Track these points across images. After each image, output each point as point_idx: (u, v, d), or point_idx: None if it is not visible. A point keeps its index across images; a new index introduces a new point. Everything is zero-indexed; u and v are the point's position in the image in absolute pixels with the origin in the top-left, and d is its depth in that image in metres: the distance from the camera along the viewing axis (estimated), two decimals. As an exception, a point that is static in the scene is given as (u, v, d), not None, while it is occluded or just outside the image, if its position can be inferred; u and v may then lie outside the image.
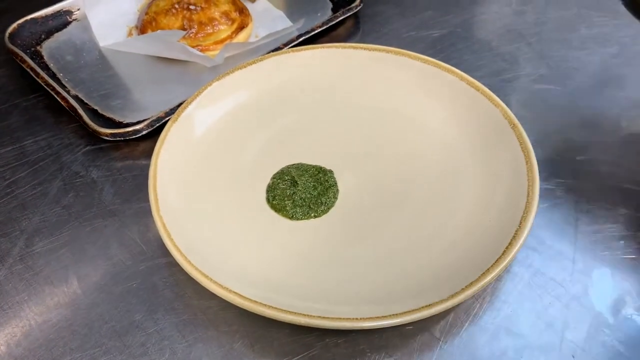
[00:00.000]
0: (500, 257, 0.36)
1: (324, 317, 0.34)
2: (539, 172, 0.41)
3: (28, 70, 0.52)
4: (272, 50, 0.54)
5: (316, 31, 0.57)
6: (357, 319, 0.34)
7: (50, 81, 0.51)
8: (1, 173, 0.47)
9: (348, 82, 0.52)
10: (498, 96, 0.46)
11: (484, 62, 0.56)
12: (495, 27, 0.61)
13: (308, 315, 0.34)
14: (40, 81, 0.51)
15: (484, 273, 0.36)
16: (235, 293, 0.35)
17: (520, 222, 0.38)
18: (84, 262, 0.41)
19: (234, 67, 0.50)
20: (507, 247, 0.37)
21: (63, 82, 0.54)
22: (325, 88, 0.51)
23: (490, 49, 0.58)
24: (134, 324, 0.38)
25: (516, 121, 0.44)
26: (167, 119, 0.48)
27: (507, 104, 0.46)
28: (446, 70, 0.49)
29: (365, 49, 0.52)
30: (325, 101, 0.51)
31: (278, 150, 0.47)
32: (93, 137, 0.49)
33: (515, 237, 0.37)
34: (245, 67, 0.51)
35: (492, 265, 0.36)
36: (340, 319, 0.34)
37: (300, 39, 0.56)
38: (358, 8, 0.60)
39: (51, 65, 0.55)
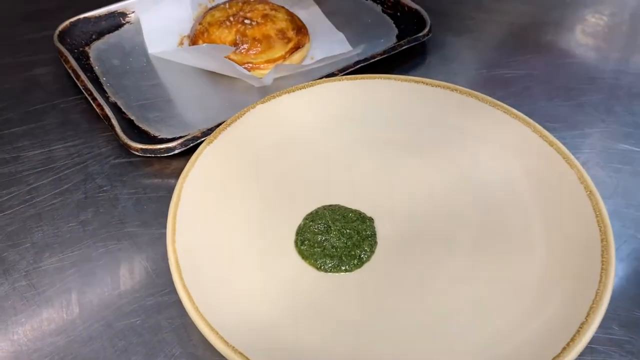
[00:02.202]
0: (557, 356, 0.30)
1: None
2: (616, 250, 0.34)
3: (69, 71, 0.50)
4: (326, 76, 0.50)
5: (376, 59, 0.52)
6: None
7: (89, 85, 0.48)
8: (25, 177, 0.45)
9: (404, 119, 0.46)
10: (574, 154, 0.40)
11: (562, 113, 0.49)
12: (578, 73, 0.54)
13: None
14: (79, 84, 0.49)
15: (536, 373, 0.30)
16: (242, 355, 0.30)
17: (588, 315, 0.32)
18: (90, 288, 0.38)
19: (281, 91, 0.46)
20: (567, 344, 0.31)
21: (104, 87, 0.51)
22: (378, 123, 0.46)
23: (570, 97, 0.51)
24: (129, 368, 0.34)
25: (593, 188, 0.38)
26: (202, 139, 0.45)
27: (584, 165, 0.40)
28: (516, 118, 0.43)
29: (427, 84, 0.47)
30: (376, 138, 0.46)
31: (317, 187, 0.42)
32: (124, 150, 0.46)
33: (579, 333, 0.31)
34: (293, 91, 0.46)
35: (547, 365, 0.30)
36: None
37: (358, 66, 0.51)
38: (426, 38, 0.55)
39: (96, 68, 0.53)
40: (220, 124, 0.44)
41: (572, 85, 0.52)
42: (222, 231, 0.39)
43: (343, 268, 0.37)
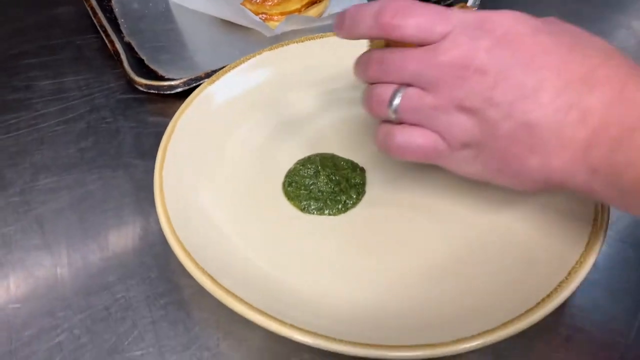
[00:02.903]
0: (531, 309, 0.29)
1: (298, 329, 0.28)
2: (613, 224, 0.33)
3: (88, 9, 0.51)
4: (338, 30, 0.49)
5: (392, 19, 0.51)
6: (336, 339, 0.28)
7: (105, 23, 0.49)
8: (34, 104, 0.46)
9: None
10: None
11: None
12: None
13: (281, 321, 0.28)
14: (95, 21, 0.50)
15: (504, 324, 0.29)
16: (209, 276, 0.30)
17: (569, 274, 0.30)
18: (79, 210, 0.38)
19: (291, 40, 0.46)
20: (542, 300, 0.29)
21: (121, 28, 0.52)
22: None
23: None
24: (105, 285, 0.34)
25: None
26: (205, 80, 0.45)
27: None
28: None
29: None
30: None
31: (314, 136, 0.42)
32: (132, 86, 0.47)
33: (556, 290, 0.30)
34: (302, 41, 0.46)
35: (520, 315, 0.29)
36: (318, 334, 0.28)
37: (372, 24, 0.50)
38: (445, 3, 0.54)
39: (116, 10, 0.54)
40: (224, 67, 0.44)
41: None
42: (211, 166, 0.39)
43: (327, 212, 0.37)
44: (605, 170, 0.25)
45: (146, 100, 0.46)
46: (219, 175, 0.38)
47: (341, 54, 0.46)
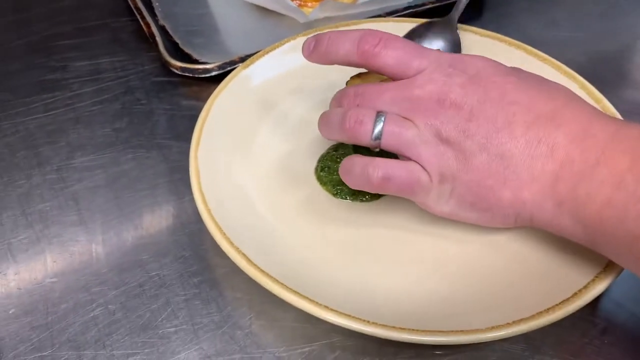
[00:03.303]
0: (571, 297, 0.29)
1: (332, 310, 0.28)
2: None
3: (123, -9, 0.52)
4: (373, 17, 0.49)
5: (427, 6, 0.51)
6: (369, 322, 0.28)
7: (141, 5, 0.50)
8: (70, 84, 0.47)
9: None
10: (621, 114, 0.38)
11: (626, 92, 0.46)
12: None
13: (314, 302, 0.29)
14: (130, 3, 0.50)
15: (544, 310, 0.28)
16: (244, 255, 0.30)
17: (606, 266, 0.30)
18: (114, 188, 0.39)
19: (324, 26, 0.46)
20: (580, 290, 0.29)
21: (155, 12, 0.52)
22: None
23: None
24: (139, 262, 0.35)
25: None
26: (240, 64, 0.45)
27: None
28: (566, 75, 0.42)
29: (476, 33, 0.46)
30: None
31: (346, 122, 0.42)
32: (166, 69, 0.47)
33: (593, 282, 0.29)
34: (336, 27, 0.46)
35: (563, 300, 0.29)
36: (351, 316, 0.28)
37: (407, 11, 0.50)
38: (483, -7, 0.53)
39: (150, -7, 0.54)
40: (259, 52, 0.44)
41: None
42: (245, 150, 0.39)
43: (359, 197, 0.37)
44: (570, 203, 0.27)
45: (180, 84, 0.47)
46: (252, 158, 0.38)
47: (375, 40, 0.46)
